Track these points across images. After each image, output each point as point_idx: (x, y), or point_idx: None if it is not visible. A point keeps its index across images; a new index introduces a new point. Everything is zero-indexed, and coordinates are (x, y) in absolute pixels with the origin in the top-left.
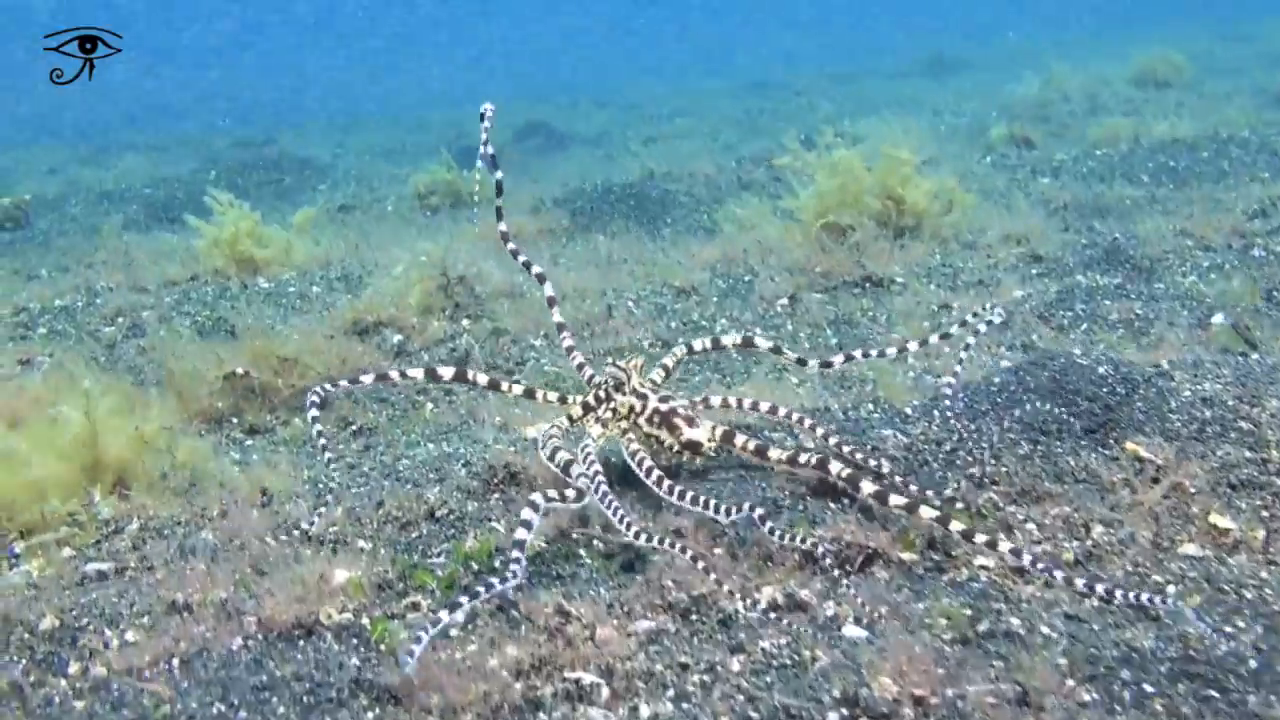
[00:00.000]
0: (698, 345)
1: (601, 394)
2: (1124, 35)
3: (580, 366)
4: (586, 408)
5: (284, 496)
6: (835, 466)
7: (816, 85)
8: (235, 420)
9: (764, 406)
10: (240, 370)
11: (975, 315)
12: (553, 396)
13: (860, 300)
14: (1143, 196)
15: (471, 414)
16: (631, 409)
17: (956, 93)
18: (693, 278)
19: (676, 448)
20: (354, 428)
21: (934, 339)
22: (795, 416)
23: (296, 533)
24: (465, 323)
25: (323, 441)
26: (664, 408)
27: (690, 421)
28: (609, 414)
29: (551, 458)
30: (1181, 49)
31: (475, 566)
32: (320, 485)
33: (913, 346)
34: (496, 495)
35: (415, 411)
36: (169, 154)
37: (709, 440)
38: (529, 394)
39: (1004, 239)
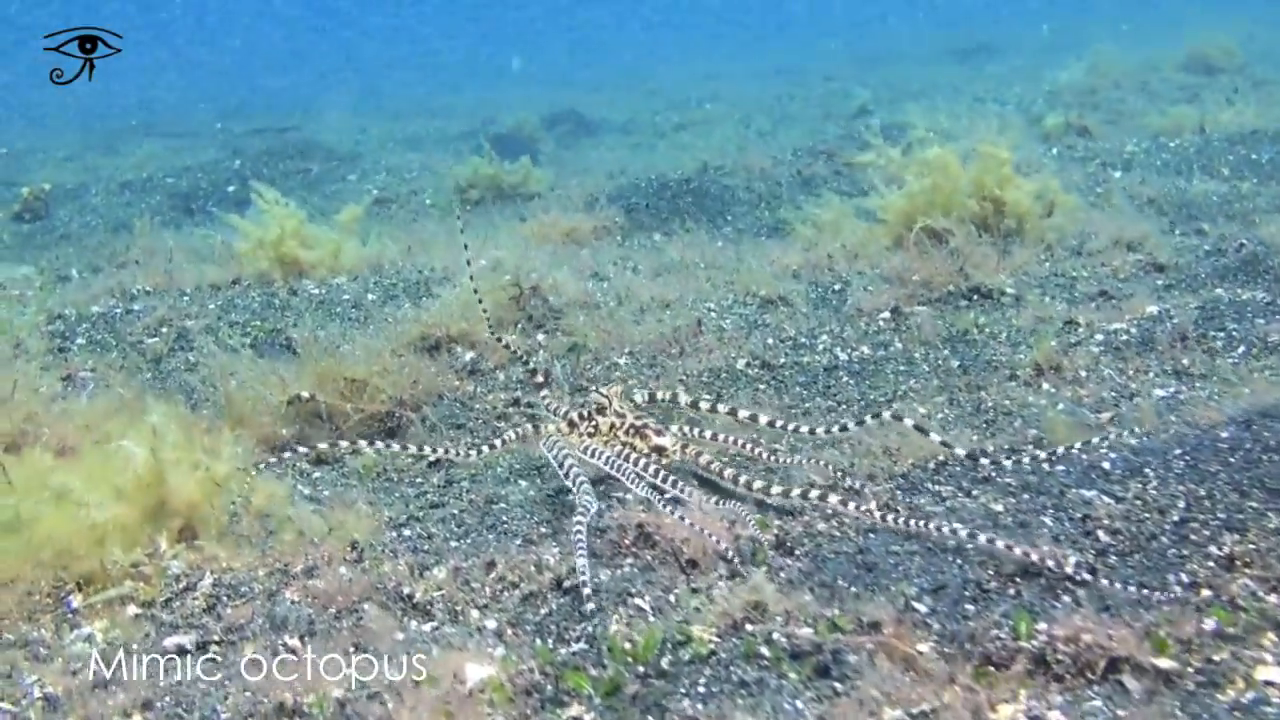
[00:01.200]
0: (683, 399)
1: (585, 413)
2: (1157, 18)
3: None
4: (571, 424)
5: (375, 549)
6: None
7: (844, 71)
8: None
9: (743, 414)
10: (305, 394)
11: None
12: (552, 428)
13: (969, 314)
14: (1228, 192)
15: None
16: (612, 425)
17: (995, 79)
18: (779, 287)
19: (647, 451)
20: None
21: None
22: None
23: (400, 602)
24: (541, 337)
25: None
26: (638, 423)
27: (658, 432)
28: (590, 430)
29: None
30: (1229, 34)
31: (641, 668)
32: (409, 530)
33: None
34: (630, 561)
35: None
36: (187, 140)
37: (673, 447)
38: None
39: (1114, 244)
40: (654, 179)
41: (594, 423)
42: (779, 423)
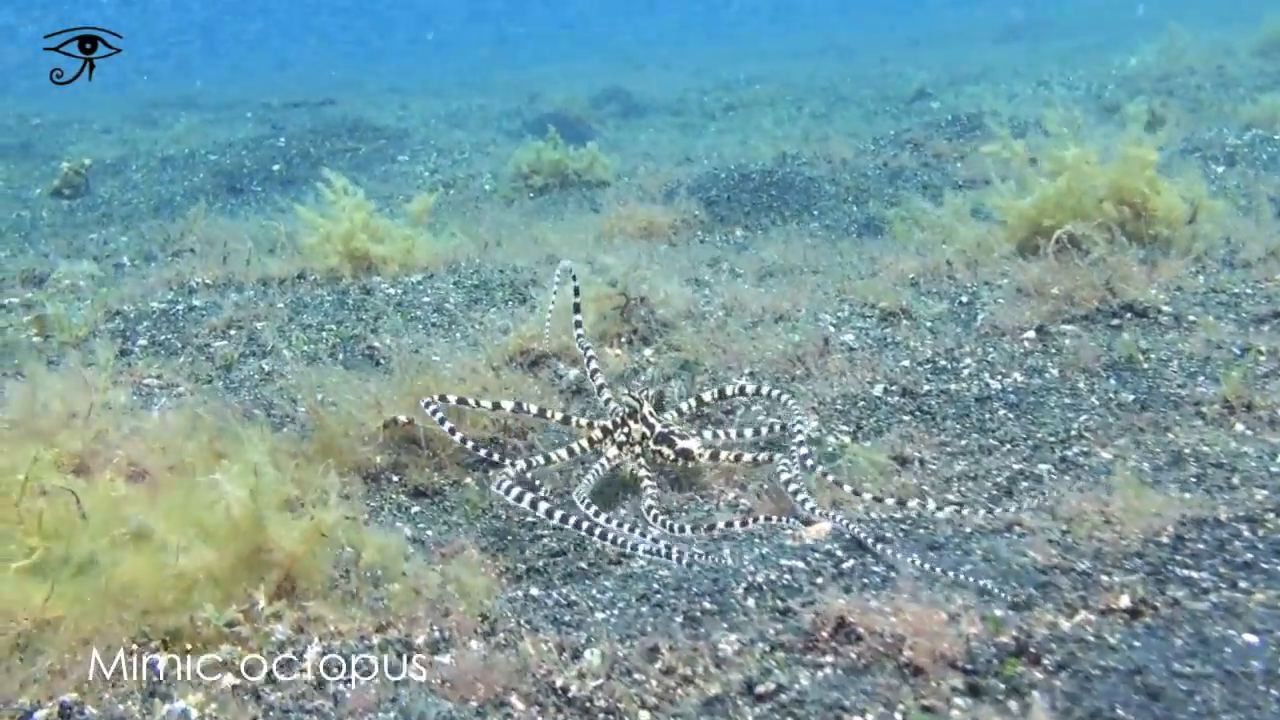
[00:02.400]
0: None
1: (619, 419)
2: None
3: (600, 389)
4: (605, 431)
5: (507, 617)
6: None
7: (892, 50)
8: (396, 478)
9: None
10: (402, 418)
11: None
12: (583, 421)
13: (1126, 335)
14: None
15: (688, 481)
16: (644, 435)
17: (1054, 60)
18: (900, 297)
19: (673, 457)
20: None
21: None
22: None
23: (553, 695)
24: (648, 353)
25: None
26: (665, 431)
27: (683, 437)
28: (624, 438)
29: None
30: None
31: None
32: (536, 589)
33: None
34: (830, 660)
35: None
36: (224, 113)
37: (699, 451)
38: (565, 420)
39: (1270, 255)
40: (733, 169)
41: (626, 429)
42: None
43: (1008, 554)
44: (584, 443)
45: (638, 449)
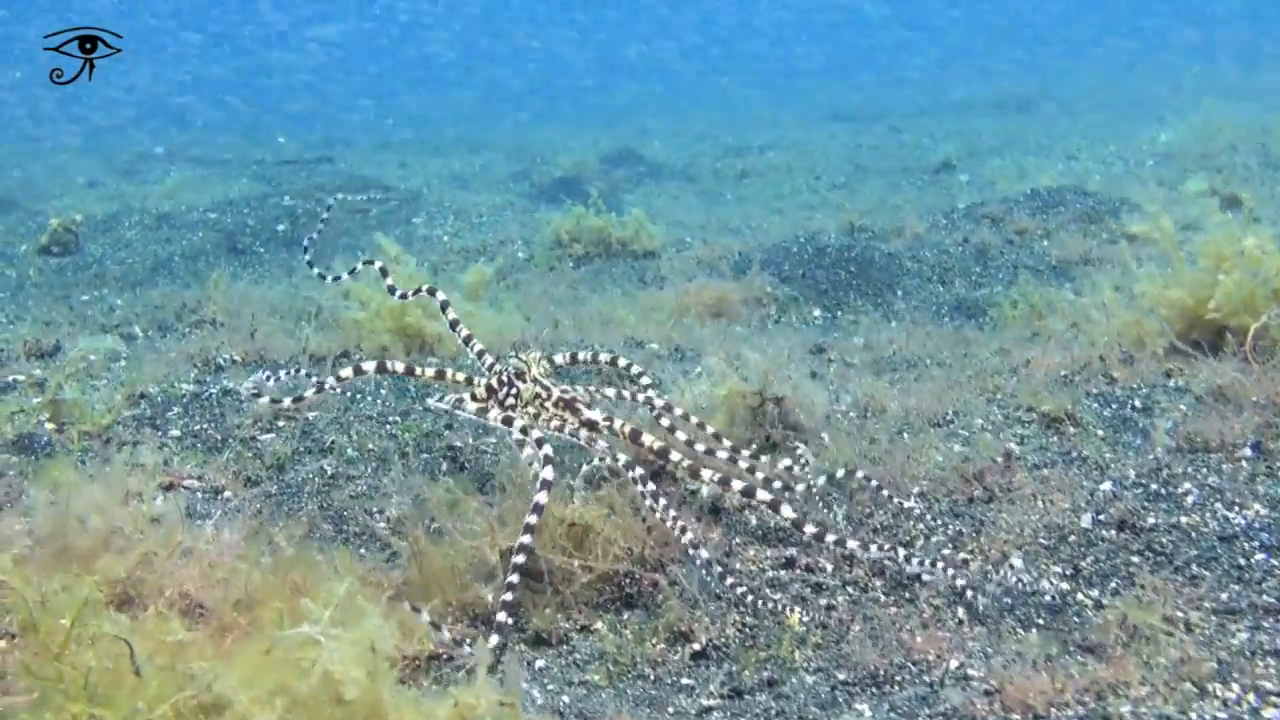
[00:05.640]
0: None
1: (504, 379)
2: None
3: (481, 354)
4: (490, 390)
5: None
6: (675, 456)
7: (902, 120)
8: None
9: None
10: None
11: None
12: (460, 376)
13: None
14: None
15: (873, 634)
16: (537, 395)
17: (1075, 134)
18: (1063, 400)
19: (577, 426)
20: (694, 647)
21: None
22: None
23: None
24: (786, 462)
25: None
26: (567, 396)
27: (588, 406)
28: (512, 399)
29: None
30: None
31: None
32: None
33: None
34: None
35: (775, 625)
36: (215, 169)
37: (604, 421)
38: (439, 375)
39: None
40: (804, 242)
41: (513, 390)
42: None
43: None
44: (466, 398)
45: (531, 409)
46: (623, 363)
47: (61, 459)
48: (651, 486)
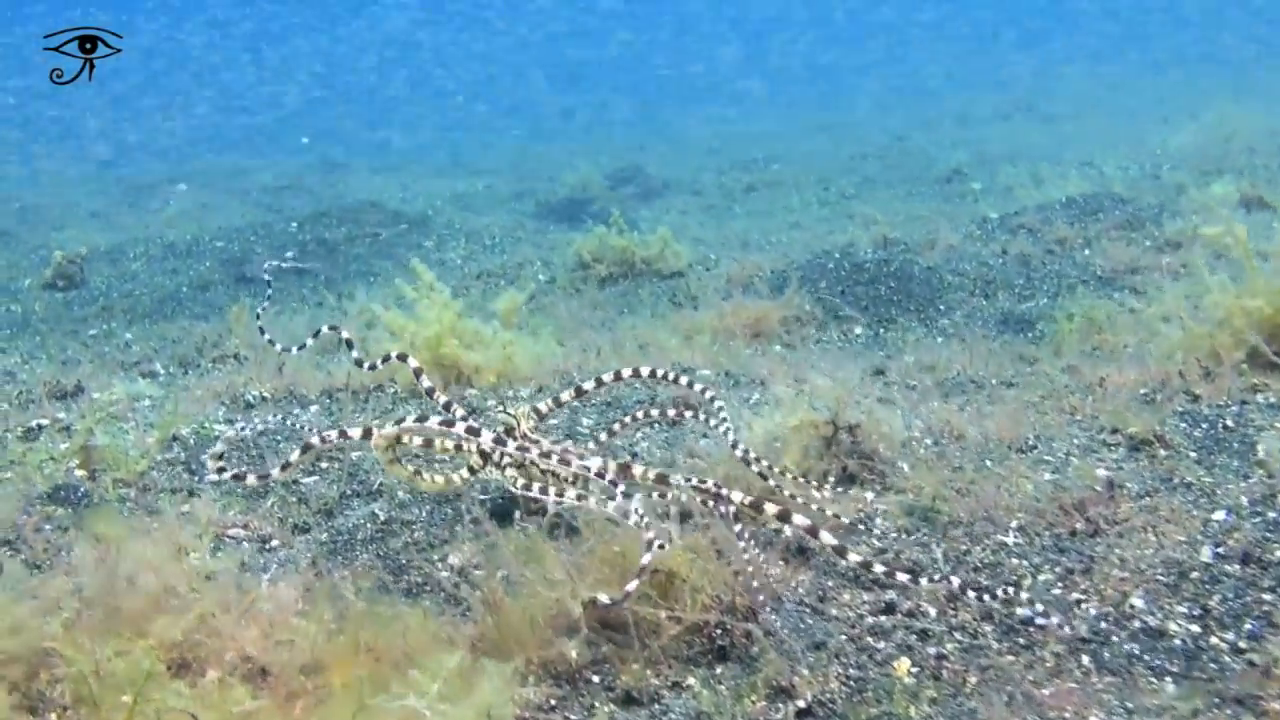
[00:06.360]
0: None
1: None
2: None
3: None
4: (485, 456)
5: None
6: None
7: (908, 129)
8: (598, 678)
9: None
10: (604, 598)
11: None
12: (449, 444)
13: None
14: None
15: (994, 686)
16: (523, 449)
17: (1082, 139)
18: (1145, 420)
19: (573, 478)
20: (798, 704)
21: None
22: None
23: None
24: (869, 496)
25: None
26: (558, 449)
27: (580, 456)
28: (506, 459)
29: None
30: None
31: None
32: None
33: None
34: None
35: (882, 676)
36: (219, 195)
37: (599, 470)
38: (428, 445)
39: None
40: (839, 257)
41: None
42: None
43: None
44: (465, 472)
45: (520, 469)
46: (684, 381)
47: (104, 511)
48: (737, 526)
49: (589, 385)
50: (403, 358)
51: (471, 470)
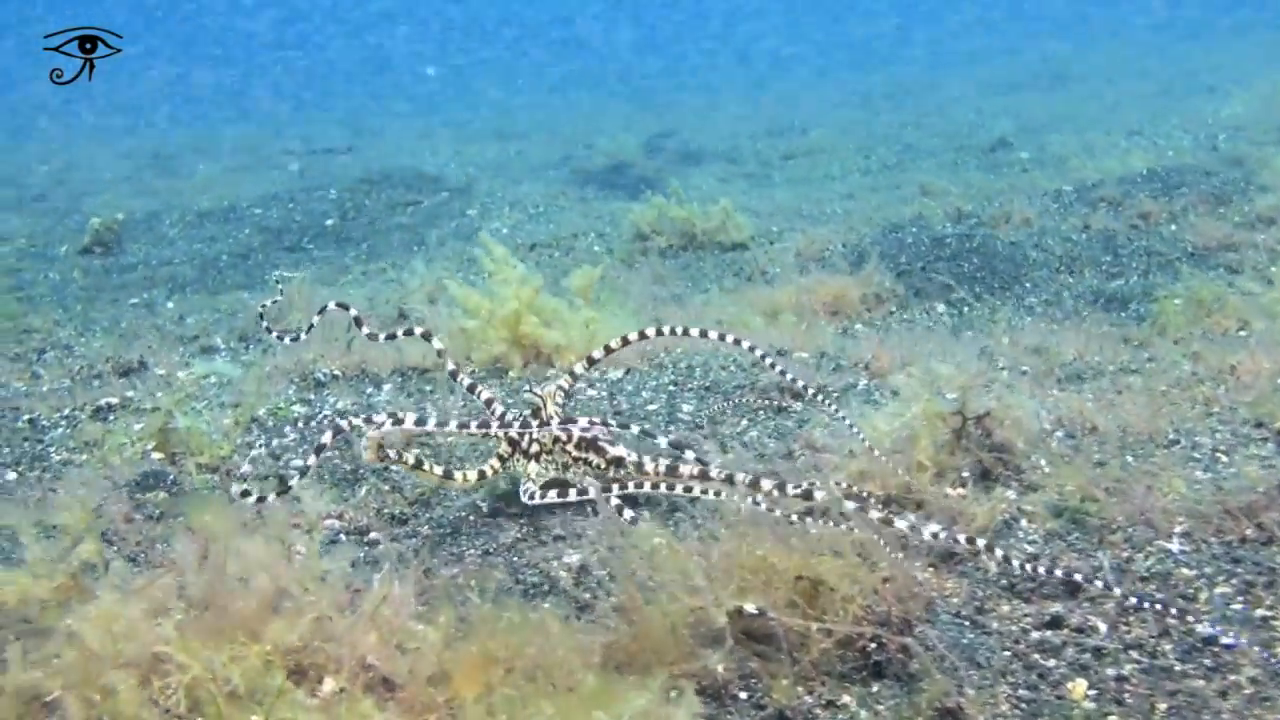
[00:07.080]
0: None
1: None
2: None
3: (489, 403)
4: (513, 444)
5: None
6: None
7: (946, 97)
8: (746, 695)
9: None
10: (752, 608)
11: None
12: (472, 475)
13: None
14: None
15: (1186, 714)
16: (556, 439)
17: (1130, 107)
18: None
19: (604, 466)
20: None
21: None
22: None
23: None
24: (1010, 495)
25: None
26: (588, 435)
27: (611, 443)
28: (535, 446)
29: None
30: None
31: None
32: None
33: None
34: None
35: (1057, 699)
36: (248, 159)
37: (629, 456)
38: (448, 475)
39: None
40: (917, 232)
41: (533, 435)
42: None
43: None
44: (494, 462)
45: (553, 454)
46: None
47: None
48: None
49: (598, 353)
50: (427, 336)
51: (501, 459)
